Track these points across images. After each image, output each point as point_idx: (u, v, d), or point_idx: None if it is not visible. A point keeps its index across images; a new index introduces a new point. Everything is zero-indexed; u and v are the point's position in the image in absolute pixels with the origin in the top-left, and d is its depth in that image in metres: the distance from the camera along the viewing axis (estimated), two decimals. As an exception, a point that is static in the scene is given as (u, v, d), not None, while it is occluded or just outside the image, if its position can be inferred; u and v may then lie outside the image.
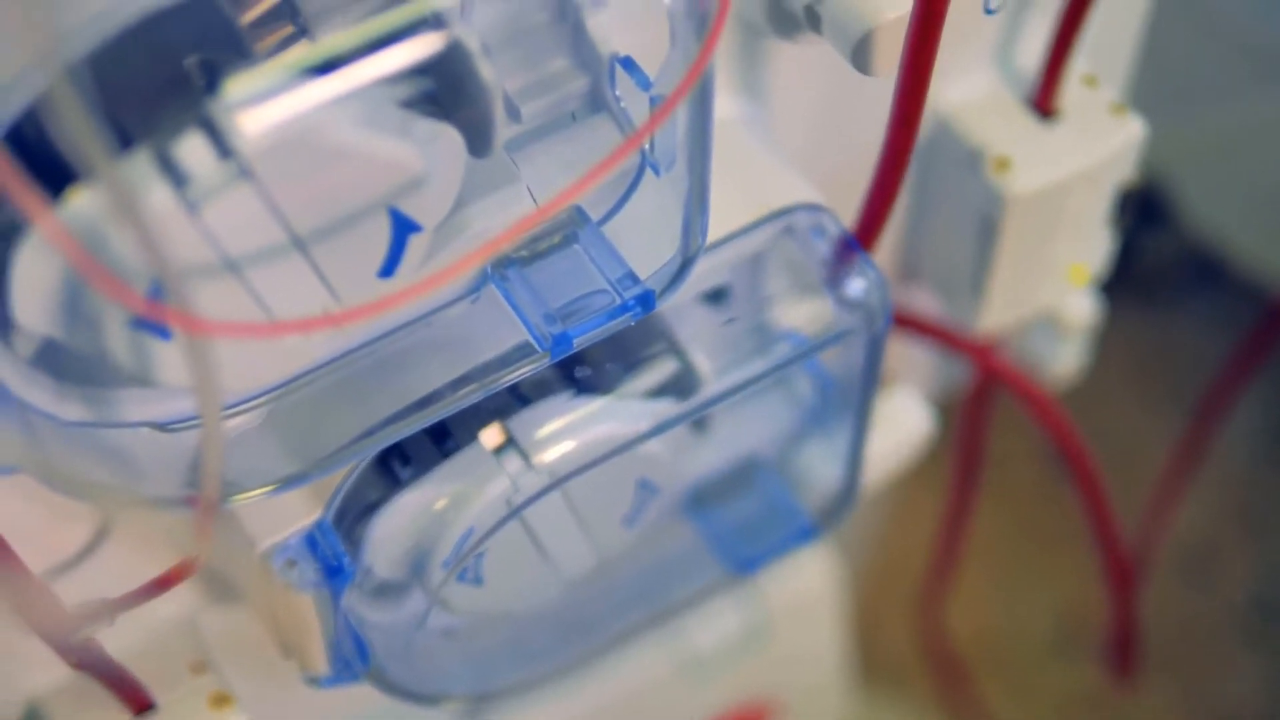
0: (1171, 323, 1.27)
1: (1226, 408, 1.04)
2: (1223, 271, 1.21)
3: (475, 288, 0.44)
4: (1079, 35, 0.55)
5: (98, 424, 0.41)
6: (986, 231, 0.57)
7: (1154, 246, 1.23)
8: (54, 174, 0.35)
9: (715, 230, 0.48)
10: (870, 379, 0.55)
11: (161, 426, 0.42)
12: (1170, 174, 1.16)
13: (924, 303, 0.66)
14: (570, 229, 0.45)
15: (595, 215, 0.45)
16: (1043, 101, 0.57)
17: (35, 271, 0.36)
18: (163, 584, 0.46)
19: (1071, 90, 0.57)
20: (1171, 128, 1.07)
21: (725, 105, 0.52)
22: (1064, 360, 0.69)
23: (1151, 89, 0.78)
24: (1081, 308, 0.66)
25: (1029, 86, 0.57)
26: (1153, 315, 1.26)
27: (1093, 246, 0.61)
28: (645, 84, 0.43)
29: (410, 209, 0.39)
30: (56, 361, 0.40)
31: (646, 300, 0.44)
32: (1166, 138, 1.07)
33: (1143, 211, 1.11)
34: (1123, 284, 0.81)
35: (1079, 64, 0.58)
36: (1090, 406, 0.88)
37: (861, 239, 0.52)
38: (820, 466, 0.60)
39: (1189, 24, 1.02)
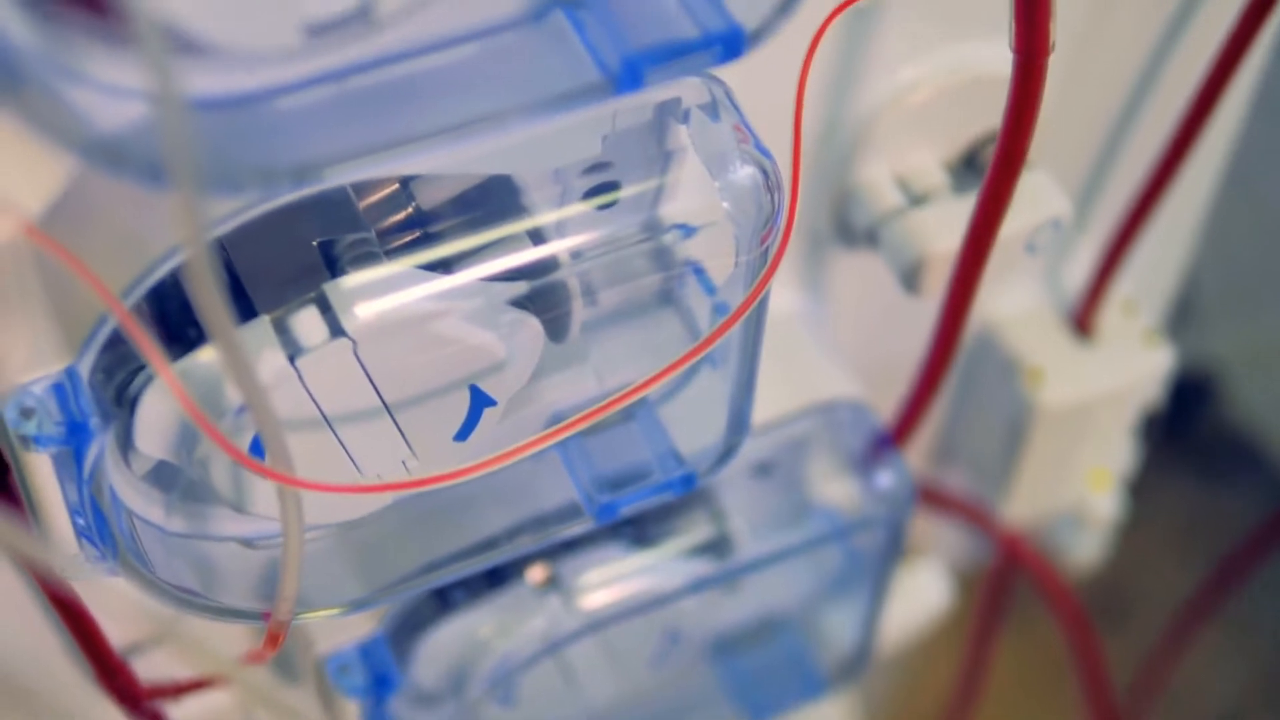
0: (1211, 496, 1.30)
1: (1244, 570, 1.07)
2: (1265, 454, 1.25)
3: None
4: (1122, 264, 0.59)
5: (195, 535, 0.46)
6: (1016, 434, 0.62)
7: (1200, 421, 1.26)
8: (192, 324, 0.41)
9: (766, 412, 0.53)
10: (889, 558, 0.59)
11: (247, 542, 0.48)
12: (1221, 359, 1.20)
13: (957, 481, 0.70)
14: (629, 408, 0.50)
15: (652, 396, 0.50)
16: (1082, 321, 0.61)
17: (157, 411, 0.41)
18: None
19: (1110, 314, 0.62)
20: (1227, 318, 1.11)
21: (786, 299, 0.57)
22: (1085, 550, 0.73)
23: (1212, 279, 0.83)
24: (1104, 505, 0.70)
25: (1071, 304, 0.62)
26: (1194, 486, 1.29)
27: (1116, 456, 0.66)
28: (710, 290, 0.48)
29: (489, 387, 0.44)
30: (165, 477, 0.45)
31: (689, 480, 0.49)
32: (1222, 327, 1.12)
33: (1193, 390, 1.15)
34: (1167, 452, 0.85)
35: (1122, 286, 0.62)
36: (1126, 566, 0.92)
37: (896, 435, 0.56)
38: (839, 627, 0.65)
39: (1251, 220, 1.06)
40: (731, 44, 0.37)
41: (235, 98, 0.36)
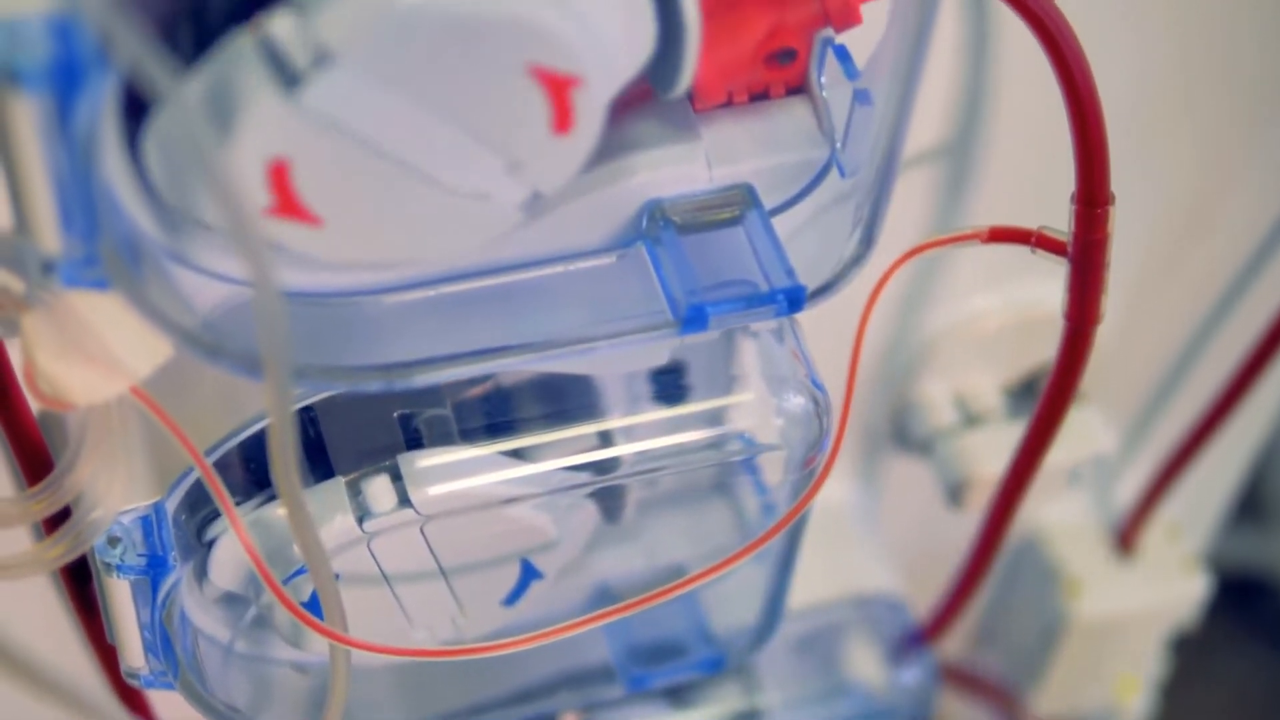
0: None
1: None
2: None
3: (583, 614, 0.52)
4: (1169, 491, 0.61)
5: (255, 658, 0.50)
6: (1049, 638, 0.64)
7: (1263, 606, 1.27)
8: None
9: (810, 594, 0.55)
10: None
11: (300, 668, 0.51)
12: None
13: (992, 662, 0.72)
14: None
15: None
16: (1125, 539, 0.64)
17: (232, 553, 0.45)
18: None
19: (1153, 537, 0.64)
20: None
21: (838, 490, 0.59)
22: (1113, 745, 0.75)
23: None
24: (1133, 708, 0.72)
25: (1116, 522, 0.64)
26: (1260, 653, 1.29)
27: (1145, 667, 0.68)
28: (762, 490, 0.50)
29: (539, 562, 0.48)
30: (234, 603, 0.49)
31: (719, 663, 0.52)
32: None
33: (1259, 588, 1.16)
34: (1235, 623, 0.86)
35: (1169, 508, 0.64)
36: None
37: (929, 633, 0.59)
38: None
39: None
40: (794, 300, 0.40)
41: (332, 293, 0.39)
